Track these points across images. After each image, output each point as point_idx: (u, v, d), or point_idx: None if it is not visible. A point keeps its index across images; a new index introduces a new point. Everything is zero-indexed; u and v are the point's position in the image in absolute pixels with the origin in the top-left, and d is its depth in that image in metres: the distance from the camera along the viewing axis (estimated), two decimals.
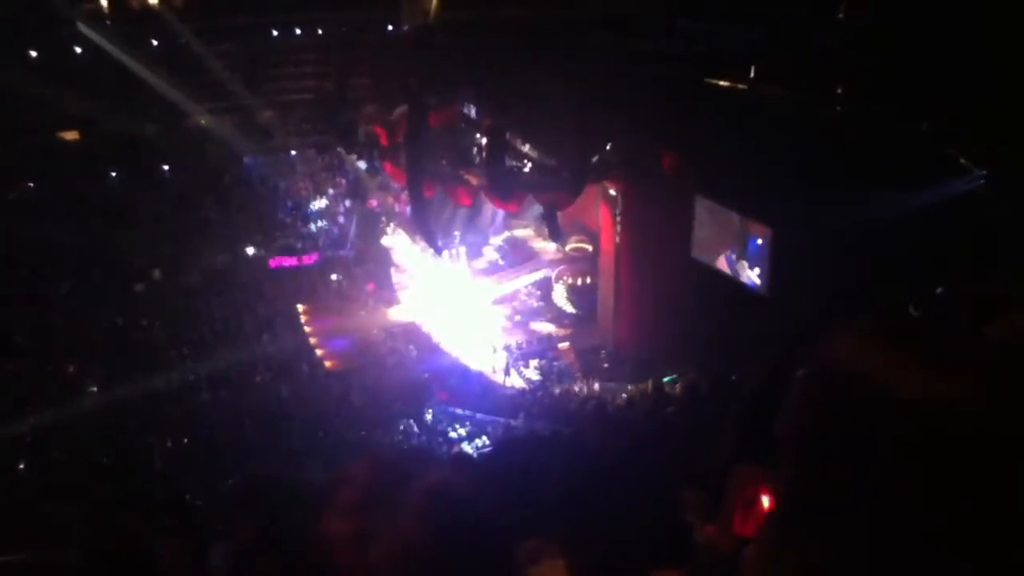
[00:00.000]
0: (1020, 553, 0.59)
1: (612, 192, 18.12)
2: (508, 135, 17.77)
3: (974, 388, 0.62)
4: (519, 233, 23.79)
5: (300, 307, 22.44)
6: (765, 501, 1.59)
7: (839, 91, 13.15)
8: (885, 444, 0.64)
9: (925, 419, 0.63)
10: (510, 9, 17.35)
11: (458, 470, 1.27)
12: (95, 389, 18.50)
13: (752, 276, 14.49)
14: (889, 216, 11.73)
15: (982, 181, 11.68)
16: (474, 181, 19.78)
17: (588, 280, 20.48)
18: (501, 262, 23.04)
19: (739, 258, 14.71)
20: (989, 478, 0.60)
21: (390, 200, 25.54)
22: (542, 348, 20.11)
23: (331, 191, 26.87)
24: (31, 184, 23.81)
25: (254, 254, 24.03)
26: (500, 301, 21.71)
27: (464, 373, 19.39)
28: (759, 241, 14.28)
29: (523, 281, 21.80)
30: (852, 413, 0.66)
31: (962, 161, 11.87)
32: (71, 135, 24.53)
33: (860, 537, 0.65)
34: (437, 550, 1.09)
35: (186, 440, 16.55)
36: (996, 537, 0.60)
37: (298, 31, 26.65)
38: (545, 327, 20.92)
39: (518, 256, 22.98)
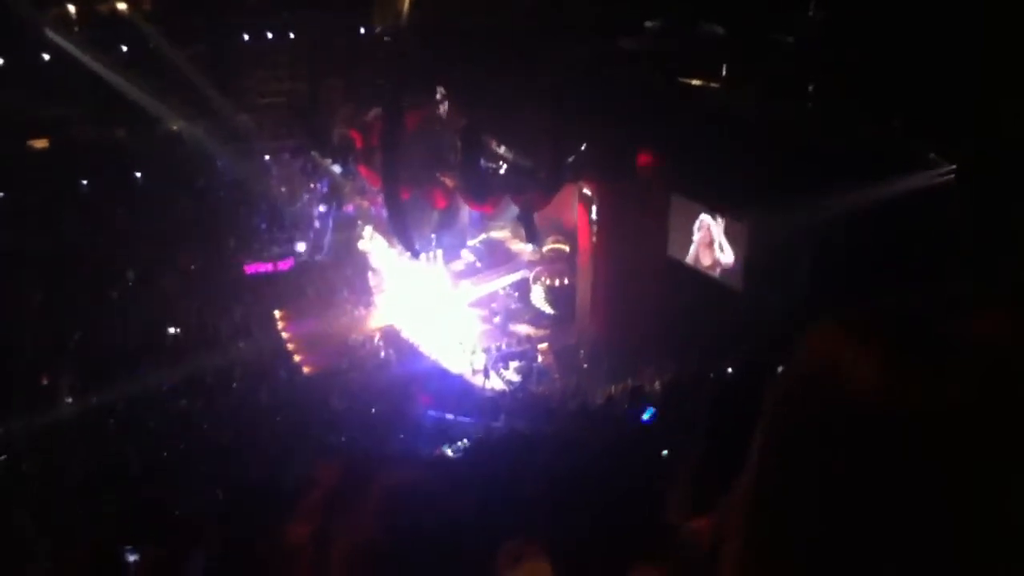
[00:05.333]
0: (1018, 563, 0.58)
1: (588, 192, 18.16)
2: (483, 136, 17.75)
3: (949, 389, 0.61)
4: (496, 235, 23.76)
5: (277, 312, 22.27)
6: None
7: (810, 89, 13.30)
8: (861, 443, 0.64)
9: (900, 418, 0.62)
10: (482, 10, 17.35)
11: (429, 470, 1.24)
12: (69, 399, 18.22)
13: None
14: (862, 212, 11.88)
15: (951, 176, 11.84)
16: (450, 183, 19.75)
17: (566, 280, 20.49)
18: (478, 264, 23.01)
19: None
20: (979, 479, 0.60)
21: (366, 204, 25.42)
22: (521, 349, 20.10)
23: (306, 195, 26.70)
24: (0, 193, 23.46)
25: (230, 260, 23.81)
26: (478, 303, 21.68)
27: (443, 376, 19.33)
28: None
29: (501, 283, 21.77)
30: (830, 413, 0.66)
31: (931, 157, 12.03)
32: (40, 143, 24.20)
33: (844, 536, 0.64)
34: (394, 551, 1.07)
35: (163, 448, 16.35)
36: (992, 543, 0.59)
37: (270, 35, 26.48)
38: (524, 328, 20.91)
39: (495, 258, 22.95)
